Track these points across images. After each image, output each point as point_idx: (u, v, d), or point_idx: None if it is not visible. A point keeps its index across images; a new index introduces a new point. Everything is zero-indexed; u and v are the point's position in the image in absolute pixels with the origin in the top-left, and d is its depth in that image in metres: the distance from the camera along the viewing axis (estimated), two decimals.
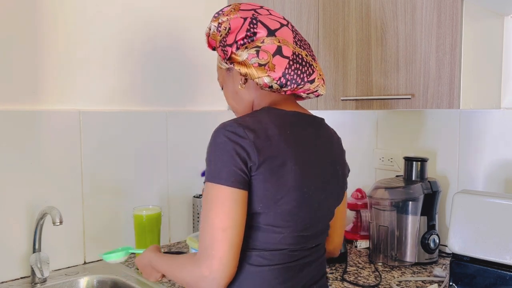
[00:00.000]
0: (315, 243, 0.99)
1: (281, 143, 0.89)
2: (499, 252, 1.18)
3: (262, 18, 0.97)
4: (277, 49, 0.94)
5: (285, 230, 0.91)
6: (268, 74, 0.94)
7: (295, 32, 1.00)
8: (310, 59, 0.98)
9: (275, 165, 0.87)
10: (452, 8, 1.22)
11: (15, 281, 1.40)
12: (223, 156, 0.86)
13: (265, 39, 0.95)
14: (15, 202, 1.40)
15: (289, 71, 0.94)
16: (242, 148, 0.85)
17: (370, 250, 1.59)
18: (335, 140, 1.06)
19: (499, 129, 1.49)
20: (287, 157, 0.89)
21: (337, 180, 1.02)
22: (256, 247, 0.91)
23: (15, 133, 1.40)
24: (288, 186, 0.89)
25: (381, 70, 1.40)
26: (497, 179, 1.50)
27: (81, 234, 1.56)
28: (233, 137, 0.86)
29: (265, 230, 0.90)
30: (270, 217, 0.89)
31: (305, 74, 0.96)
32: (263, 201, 0.88)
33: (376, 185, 1.57)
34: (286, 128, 0.92)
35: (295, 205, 0.90)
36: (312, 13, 1.60)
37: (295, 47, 0.96)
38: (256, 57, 0.94)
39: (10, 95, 1.41)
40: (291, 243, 0.92)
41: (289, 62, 0.94)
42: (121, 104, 1.67)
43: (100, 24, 1.60)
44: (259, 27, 0.96)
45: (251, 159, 0.86)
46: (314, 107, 1.60)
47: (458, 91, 1.22)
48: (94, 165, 1.58)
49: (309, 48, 1.01)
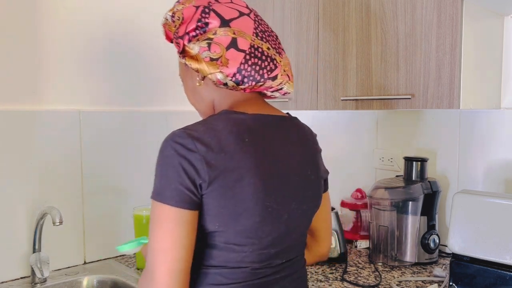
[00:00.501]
0: (287, 258, 0.90)
1: (237, 154, 0.79)
2: (499, 252, 1.18)
3: (218, 6, 0.87)
4: (232, 41, 0.84)
5: (247, 248, 0.83)
6: (220, 70, 0.84)
7: (258, 22, 0.90)
8: (272, 53, 0.88)
9: (230, 180, 0.78)
10: (452, 8, 1.22)
11: (15, 281, 1.40)
12: (168, 171, 0.78)
13: (218, 30, 0.84)
14: (15, 202, 1.40)
15: (246, 66, 0.84)
16: (190, 164, 0.77)
17: (370, 250, 1.59)
18: (309, 141, 0.97)
19: (499, 129, 1.49)
20: (244, 170, 0.79)
21: (310, 185, 0.93)
22: (215, 265, 0.84)
23: (15, 133, 1.40)
24: (247, 201, 0.80)
25: (381, 70, 1.40)
26: (497, 179, 1.50)
27: (81, 234, 1.56)
28: (181, 151, 0.77)
29: (224, 249, 0.82)
30: (229, 235, 0.81)
31: (265, 70, 0.86)
32: (219, 220, 0.80)
33: (376, 185, 1.57)
34: (244, 136, 0.82)
35: (258, 221, 0.81)
36: (312, 13, 1.60)
37: (255, 39, 0.86)
38: (207, 51, 0.84)
39: (10, 95, 1.41)
40: (254, 261, 0.84)
41: (245, 56, 0.84)
42: (121, 104, 1.67)
43: (100, 24, 1.60)
44: (211, 17, 0.85)
45: (200, 177, 0.77)
46: (314, 107, 1.60)
47: (458, 91, 1.22)
48: (94, 165, 1.58)
49: (274, 41, 0.91)
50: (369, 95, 1.43)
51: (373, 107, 1.42)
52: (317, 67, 1.59)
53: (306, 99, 1.63)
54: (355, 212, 1.80)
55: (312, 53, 1.61)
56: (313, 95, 1.61)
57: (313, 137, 1.00)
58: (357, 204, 1.77)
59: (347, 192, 1.91)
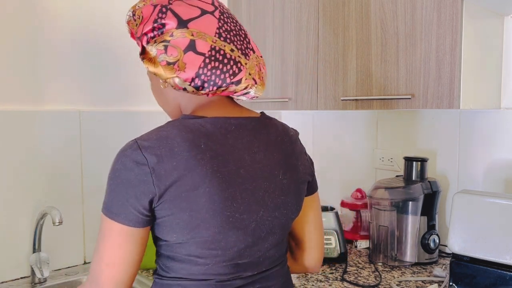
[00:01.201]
0: (259, 270, 0.85)
1: (191, 161, 0.75)
2: (499, 252, 1.18)
3: (177, 5, 0.81)
4: (190, 43, 0.78)
5: (210, 260, 0.79)
6: (177, 74, 0.79)
7: (223, 20, 0.83)
8: (237, 55, 0.81)
9: (183, 190, 0.74)
10: (452, 8, 1.22)
11: (15, 281, 1.40)
12: (116, 186, 0.76)
13: (175, 31, 0.78)
14: (15, 202, 1.40)
15: (205, 70, 0.79)
16: (138, 179, 0.74)
17: (370, 250, 1.59)
18: (284, 142, 0.89)
19: (499, 129, 1.49)
20: (198, 178, 0.74)
21: (283, 190, 0.85)
22: (178, 277, 0.80)
23: (15, 133, 1.40)
24: (203, 212, 0.75)
25: (381, 70, 1.40)
26: (497, 179, 1.50)
27: (81, 234, 1.56)
28: (129, 165, 0.75)
29: (186, 261, 0.79)
30: (190, 247, 0.78)
31: (227, 74, 0.80)
32: (176, 231, 0.77)
33: (376, 185, 1.57)
34: (201, 141, 0.77)
35: (217, 232, 0.77)
36: (312, 13, 1.60)
37: (216, 40, 0.80)
38: (164, 54, 0.79)
39: (10, 95, 1.41)
40: (219, 273, 0.80)
41: (205, 59, 0.78)
42: (121, 104, 1.67)
43: (101, 24, 1.60)
44: (168, 17, 0.79)
45: (149, 191, 0.74)
46: (314, 107, 1.60)
47: (458, 91, 1.22)
48: (94, 165, 1.58)
49: (241, 41, 0.84)
50: (369, 95, 1.43)
51: (373, 107, 1.42)
52: (317, 67, 1.59)
53: (306, 99, 1.63)
54: (355, 212, 1.80)
55: (312, 53, 1.61)
56: (313, 95, 1.61)
57: (290, 137, 0.91)
58: (357, 204, 1.77)
59: (347, 192, 1.91)
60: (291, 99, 1.69)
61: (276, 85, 1.75)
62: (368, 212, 1.61)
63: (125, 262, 0.77)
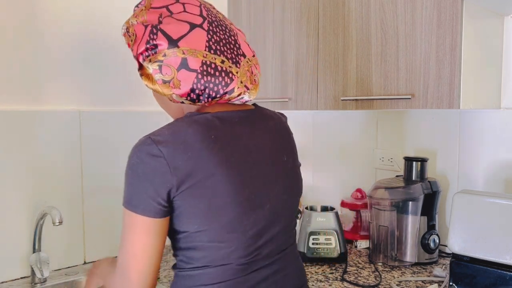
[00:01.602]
0: (277, 251, 0.90)
1: (204, 151, 0.80)
2: (499, 252, 1.18)
3: (166, 23, 0.84)
4: (182, 62, 0.82)
5: (231, 243, 0.83)
6: (173, 91, 0.84)
7: (212, 31, 0.86)
8: (227, 66, 0.85)
9: (200, 179, 0.79)
10: (452, 8, 1.22)
11: (15, 281, 1.40)
12: (134, 180, 0.80)
13: (167, 51, 0.83)
14: (15, 202, 1.40)
15: (199, 85, 0.83)
16: (156, 171, 0.78)
17: (370, 250, 1.59)
18: (281, 128, 0.96)
19: (499, 129, 1.49)
20: (213, 166, 0.80)
21: (288, 172, 0.93)
22: (199, 266, 0.84)
23: (15, 133, 1.40)
24: (221, 197, 0.80)
25: (381, 70, 1.40)
26: (497, 179, 1.50)
27: (81, 234, 1.56)
28: (146, 159, 0.79)
29: (208, 248, 0.83)
30: (211, 233, 0.82)
31: (220, 86, 0.85)
32: (197, 220, 0.81)
33: (376, 185, 1.57)
34: (210, 133, 0.82)
35: (237, 214, 0.82)
36: (312, 13, 1.60)
37: (207, 54, 0.84)
38: (159, 73, 0.83)
39: (10, 95, 1.41)
40: (240, 256, 0.84)
41: (197, 75, 0.83)
42: (121, 104, 1.67)
43: (101, 24, 1.60)
44: (159, 38, 0.83)
45: (167, 182, 0.78)
46: (314, 107, 1.60)
47: (458, 91, 1.22)
48: (94, 165, 1.58)
49: (231, 49, 0.87)
50: (369, 95, 1.43)
51: (373, 107, 1.42)
52: (317, 67, 1.59)
53: (306, 99, 1.63)
54: (355, 212, 1.80)
55: (312, 53, 1.61)
56: (313, 95, 1.61)
57: (283, 122, 0.99)
58: (357, 204, 1.77)
59: (347, 192, 1.91)
60: (291, 99, 1.69)
61: (276, 85, 1.75)
62: (368, 212, 1.61)
63: (148, 253, 0.81)
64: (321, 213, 1.56)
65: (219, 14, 0.92)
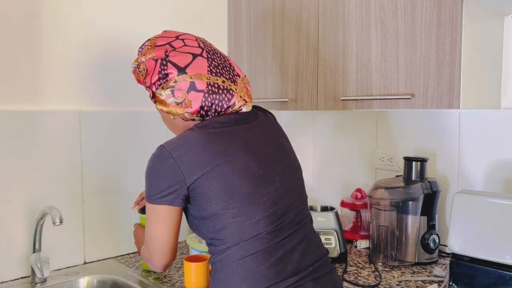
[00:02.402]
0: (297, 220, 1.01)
1: (208, 145, 0.96)
2: (499, 252, 1.18)
3: (173, 55, 1.02)
4: (190, 85, 1.00)
5: (254, 214, 0.95)
6: (185, 110, 1.01)
7: (210, 58, 1.04)
8: (228, 84, 1.03)
9: (211, 166, 0.94)
10: (452, 8, 1.22)
11: (15, 281, 1.40)
12: (152, 181, 0.98)
13: (177, 78, 1.00)
14: (15, 202, 1.40)
15: (206, 102, 1.01)
16: (168, 170, 0.95)
17: (370, 250, 1.59)
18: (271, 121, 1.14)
19: (499, 129, 1.49)
20: (217, 154, 0.95)
21: (287, 152, 1.08)
22: (232, 244, 0.95)
23: (15, 133, 1.40)
24: (233, 176, 0.95)
25: (381, 70, 1.40)
26: (497, 179, 1.50)
27: (81, 234, 1.56)
28: (157, 162, 0.97)
29: (236, 223, 0.95)
30: (234, 209, 0.95)
31: (223, 101, 1.02)
32: (217, 200, 0.95)
33: (376, 185, 1.57)
34: (211, 131, 0.98)
35: (252, 187, 0.96)
36: (312, 13, 1.60)
37: (210, 76, 1.01)
38: (172, 97, 1.00)
39: (10, 95, 1.41)
40: (266, 224, 0.96)
41: (204, 94, 1.00)
42: (121, 104, 1.67)
43: (100, 24, 1.60)
44: (169, 68, 1.01)
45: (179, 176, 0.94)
46: (314, 107, 1.60)
47: (458, 91, 1.22)
48: (94, 165, 1.58)
49: (228, 71, 1.05)
50: (369, 95, 1.43)
51: (373, 107, 1.42)
52: (317, 67, 1.59)
53: (306, 99, 1.63)
54: (355, 212, 1.80)
55: (312, 53, 1.61)
56: (313, 95, 1.61)
57: (270, 117, 1.16)
58: (357, 204, 1.77)
59: (347, 192, 1.91)
60: (291, 99, 1.69)
61: (276, 85, 1.75)
62: (368, 212, 1.61)
63: (164, 237, 1.01)
64: (321, 213, 1.56)
65: (212, 45, 1.10)
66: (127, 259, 1.61)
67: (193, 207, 0.99)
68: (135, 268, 1.51)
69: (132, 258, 1.62)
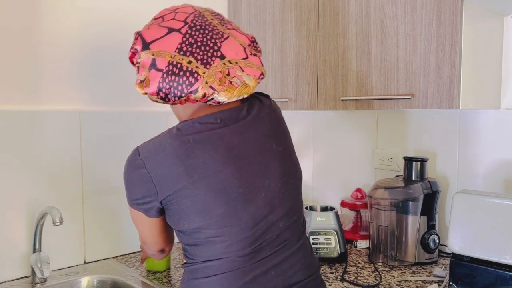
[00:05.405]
0: (277, 240, 0.92)
1: (183, 157, 0.86)
2: (499, 252, 1.18)
3: (149, 29, 0.93)
4: (152, 62, 0.90)
5: (228, 237, 0.87)
6: (145, 90, 0.91)
7: (189, 34, 0.91)
8: (194, 66, 0.89)
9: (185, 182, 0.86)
10: (452, 8, 1.22)
11: (15, 281, 1.40)
12: (128, 185, 0.93)
13: (142, 53, 0.91)
14: (15, 202, 1.40)
15: (164, 84, 0.89)
16: (140, 180, 0.89)
17: (370, 250, 1.59)
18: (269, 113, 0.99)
19: (499, 129, 1.49)
20: (196, 167, 0.86)
21: (281, 158, 0.95)
22: (202, 260, 0.91)
23: (15, 133, 1.40)
24: (208, 194, 0.86)
25: (381, 70, 1.40)
26: (497, 179, 1.50)
27: (81, 234, 1.56)
28: (131, 169, 0.90)
29: (206, 244, 0.89)
30: (207, 229, 0.87)
31: (183, 85, 0.89)
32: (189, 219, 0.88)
33: (376, 185, 1.57)
34: (189, 138, 0.88)
35: (227, 208, 0.86)
36: (312, 13, 1.60)
37: (175, 55, 0.89)
38: (138, 73, 0.92)
39: (10, 95, 1.41)
40: (238, 248, 0.88)
41: (163, 75, 0.89)
42: (121, 104, 1.67)
43: (100, 24, 1.60)
44: (137, 42, 0.92)
45: (152, 189, 0.88)
46: (314, 107, 1.60)
47: (458, 91, 1.22)
48: (94, 165, 1.58)
49: (206, 50, 0.90)
50: (369, 95, 1.43)
51: (373, 107, 1.42)
52: (317, 67, 1.59)
53: (306, 99, 1.63)
54: (355, 212, 1.80)
55: (312, 53, 1.61)
56: (313, 95, 1.61)
57: (269, 106, 1.01)
58: (357, 204, 1.77)
59: (347, 192, 1.91)
60: (291, 99, 1.69)
61: (276, 85, 1.75)
62: (368, 212, 1.61)
63: (153, 240, 1.00)
64: (321, 213, 1.56)
65: (214, 21, 0.95)
66: (127, 259, 1.61)
67: (168, 218, 0.94)
68: (135, 268, 1.51)
69: (132, 258, 1.62)
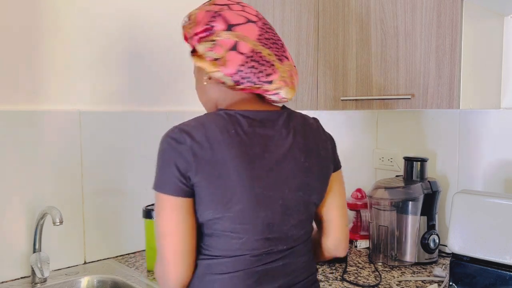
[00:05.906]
0: (288, 245, 0.94)
1: (222, 145, 0.86)
2: (499, 252, 1.18)
3: (227, 13, 0.93)
4: (234, 44, 0.90)
5: (243, 234, 0.88)
6: (219, 69, 0.90)
7: (264, 30, 0.94)
8: (273, 59, 0.92)
9: (216, 169, 0.86)
10: (452, 8, 1.22)
11: (15, 281, 1.40)
12: (163, 164, 0.88)
13: (222, 33, 0.91)
14: (15, 202, 1.40)
15: (244, 68, 0.90)
16: (180, 156, 0.86)
17: (370, 250, 1.59)
18: (306, 130, 0.99)
19: (499, 129, 1.49)
20: (229, 159, 0.86)
21: (306, 173, 0.95)
22: (216, 255, 0.90)
23: (15, 133, 1.40)
24: (234, 188, 0.86)
25: (381, 70, 1.40)
26: (497, 179, 1.50)
27: (81, 234, 1.56)
28: (173, 144, 0.87)
29: (222, 237, 0.89)
30: (224, 223, 0.87)
31: (262, 74, 0.91)
32: (211, 207, 0.87)
33: (376, 185, 1.57)
34: (231, 128, 0.88)
35: (248, 206, 0.87)
36: (312, 13, 1.60)
37: (257, 44, 0.91)
38: (211, 51, 0.91)
39: (10, 95, 1.41)
40: (253, 248, 0.89)
41: (245, 59, 0.90)
42: (121, 104, 1.67)
43: (100, 24, 1.60)
44: (217, 21, 0.92)
45: (189, 166, 0.86)
46: (314, 107, 1.60)
47: (458, 91, 1.22)
48: (94, 165, 1.58)
49: (278, 48, 0.95)
50: (369, 95, 1.43)
51: (373, 107, 1.42)
52: (317, 67, 1.59)
53: (306, 99, 1.63)
54: (355, 212, 1.80)
55: (312, 53, 1.61)
56: (313, 95, 1.61)
57: (310, 125, 1.02)
58: (357, 204, 1.77)
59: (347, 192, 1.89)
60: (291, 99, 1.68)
61: None
62: (368, 212, 1.61)
63: (179, 231, 0.87)
64: None
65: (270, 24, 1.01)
66: (127, 259, 1.61)
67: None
68: (135, 268, 1.51)
69: (132, 258, 1.62)
